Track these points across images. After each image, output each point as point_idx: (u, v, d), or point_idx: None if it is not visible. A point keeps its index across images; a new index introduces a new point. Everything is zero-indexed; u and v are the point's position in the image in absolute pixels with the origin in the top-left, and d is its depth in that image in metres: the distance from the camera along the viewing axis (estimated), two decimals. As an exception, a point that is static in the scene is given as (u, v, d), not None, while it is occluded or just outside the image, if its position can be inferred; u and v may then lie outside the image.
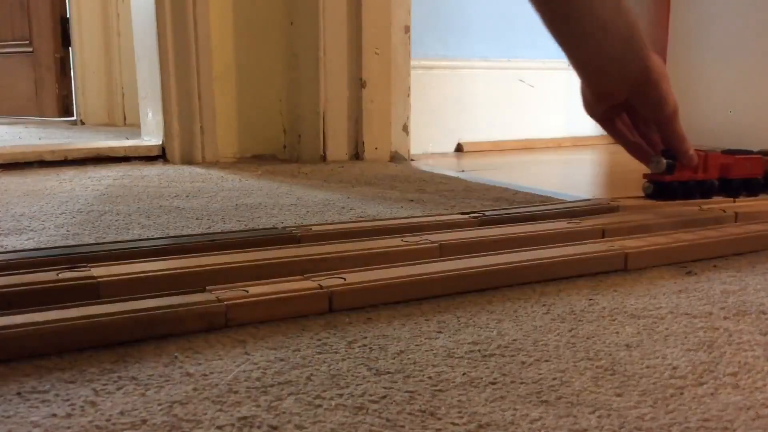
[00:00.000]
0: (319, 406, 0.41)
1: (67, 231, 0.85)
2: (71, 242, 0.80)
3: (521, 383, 0.44)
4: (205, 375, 0.45)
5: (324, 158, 1.53)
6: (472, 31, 1.84)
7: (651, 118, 0.80)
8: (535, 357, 0.49)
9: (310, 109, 1.53)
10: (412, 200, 1.08)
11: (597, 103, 0.79)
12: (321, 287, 0.57)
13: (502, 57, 1.90)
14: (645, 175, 0.89)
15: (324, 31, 1.49)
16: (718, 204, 0.92)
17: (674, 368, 0.47)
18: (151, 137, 1.57)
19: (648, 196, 0.90)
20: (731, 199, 0.96)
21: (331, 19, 1.50)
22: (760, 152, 1.00)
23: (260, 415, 0.40)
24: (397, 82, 1.59)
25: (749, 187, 0.97)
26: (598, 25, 0.70)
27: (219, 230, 0.85)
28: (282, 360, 0.48)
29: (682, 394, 0.43)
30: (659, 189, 0.89)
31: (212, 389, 0.43)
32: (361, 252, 0.67)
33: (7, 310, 0.50)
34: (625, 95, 0.76)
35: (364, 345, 0.50)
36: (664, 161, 0.84)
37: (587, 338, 0.52)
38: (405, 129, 1.62)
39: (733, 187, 0.94)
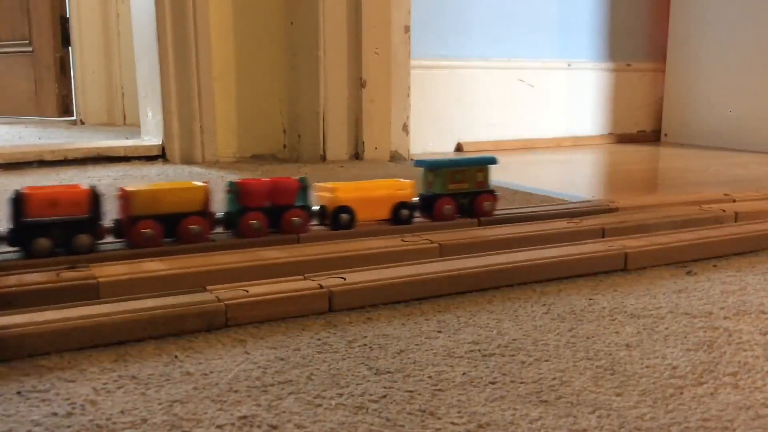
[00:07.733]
0: (319, 405, 0.41)
1: (67, 231, 0.85)
2: (71, 242, 0.79)
3: (521, 383, 0.44)
4: (206, 374, 0.45)
5: (324, 158, 1.53)
6: (471, 31, 1.84)
7: None
8: (534, 357, 0.49)
9: (309, 109, 1.53)
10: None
11: None
12: (321, 287, 0.57)
13: (502, 57, 1.90)
14: None
15: (324, 31, 1.49)
16: (718, 204, 0.92)
17: (674, 368, 0.47)
18: (150, 137, 1.57)
19: None
20: (731, 198, 0.96)
21: (331, 19, 1.50)
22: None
23: (260, 414, 0.40)
24: (397, 82, 1.59)
25: None
26: None
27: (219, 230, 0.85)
28: (282, 359, 0.48)
29: (681, 393, 0.43)
30: None
31: (212, 388, 0.43)
32: (361, 252, 0.67)
33: (7, 310, 0.50)
34: None
35: (364, 344, 0.50)
36: None
37: (587, 338, 0.52)
38: (405, 129, 1.62)
39: None
